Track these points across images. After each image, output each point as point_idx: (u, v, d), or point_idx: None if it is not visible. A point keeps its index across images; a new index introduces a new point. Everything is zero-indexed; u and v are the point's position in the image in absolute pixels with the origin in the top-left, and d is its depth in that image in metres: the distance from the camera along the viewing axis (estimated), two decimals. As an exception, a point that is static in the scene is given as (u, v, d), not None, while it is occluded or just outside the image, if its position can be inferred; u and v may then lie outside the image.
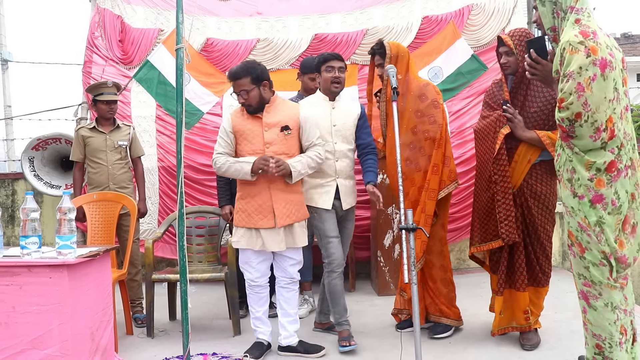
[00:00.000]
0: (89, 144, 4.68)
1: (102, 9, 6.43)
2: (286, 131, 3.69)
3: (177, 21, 3.37)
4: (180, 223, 3.31)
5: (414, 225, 2.84)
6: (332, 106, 3.95)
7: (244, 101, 3.69)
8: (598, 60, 2.58)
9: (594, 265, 2.77)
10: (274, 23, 6.60)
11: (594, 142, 2.67)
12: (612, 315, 2.78)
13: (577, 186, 2.78)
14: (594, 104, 2.61)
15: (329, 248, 3.88)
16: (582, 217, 2.77)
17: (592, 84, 2.58)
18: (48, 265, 2.88)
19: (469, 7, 6.38)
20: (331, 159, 3.87)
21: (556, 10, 2.80)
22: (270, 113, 3.73)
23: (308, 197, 3.87)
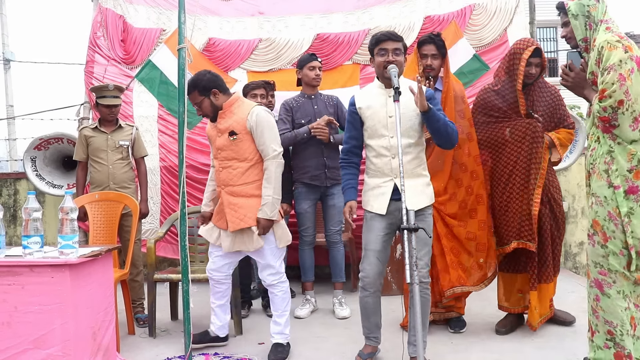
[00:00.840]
0: (91, 144, 4.69)
1: (104, 8, 6.43)
2: (232, 136, 3.70)
3: (179, 21, 3.38)
4: (182, 223, 3.31)
5: (416, 225, 2.84)
6: (388, 94, 3.34)
7: (201, 113, 3.79)
8: (634, 57, 2.81)
9: (613, 254, 2.92)
10: (276, 23, 6.60)
11: (633, 132, 2.85)
12: (624, 303, 2.92)
13: (614, 177, 2.91)
14: (634, 94, 2.80)
15: (363, 262, 3.43)
16: (614, 206, 2.91)
17: (632, 75, 2.79)
18: (50, 265, 2.88)
19: (471, 6, 6.37)
20: (387, 155, 3.32)
21: (588, 23, 3.06)
22: (223, 119, 3.77)
23: (366, 199, 3.46)
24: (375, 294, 3.43)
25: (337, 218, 4.84)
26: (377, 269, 3.38)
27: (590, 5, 3.06)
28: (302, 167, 4.80)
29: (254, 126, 3.67)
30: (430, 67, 4.01)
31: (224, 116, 3.76)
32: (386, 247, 3.42)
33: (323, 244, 5.13)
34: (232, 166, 3.72)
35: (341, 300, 4.79)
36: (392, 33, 3.35)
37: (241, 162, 3.71)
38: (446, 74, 4.07)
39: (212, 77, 3.78)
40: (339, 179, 4.80)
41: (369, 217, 3.40)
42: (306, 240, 4.86)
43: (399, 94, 3.05)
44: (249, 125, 3.68)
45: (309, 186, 4.78)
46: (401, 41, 3.34)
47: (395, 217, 3.31)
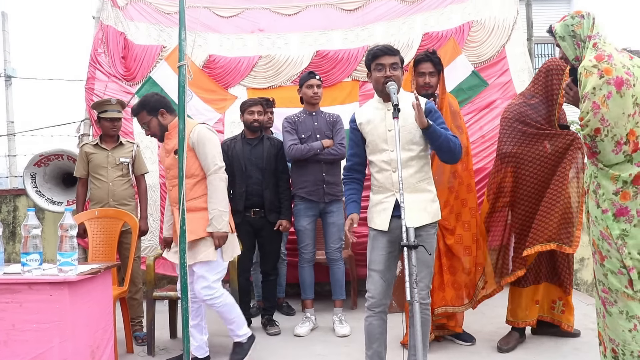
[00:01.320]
0: (92, 160, 4.69)
1: (105, 25, 6.46)
2: (176, 155, 3.71)
3: (180, 38, 3.38)
4: (181, 240, 3.29)
5: (415, 242, 2.81)
6: (387, 108, 3.28)
7: (149, 133, 3.92)
8: (612, 80, 2.75)
9: (612, 273, 2.88)
10: (275, 40, 6.63)
11: (617, 156, 2.81)
12: (628, 324, 2.84)
13: (601, 200, 2.90)
14: (612, 119, 2.77)
15: (368, 282, 3.33)
16: (604, 226, 2.89)
17: (608, 101, 2.75)
18: (49, 282, 2.86)
19: (469, 23, 6.41)
20: (388, 169, 3.26)
21: (576, 42, 3.03)
22: (169, 139, 3.90)
23: (370, 216, 3.39)
24: (381, 315, 3.32)
25: (337, 235, 4.83)
26: (382, 289, 3.28)
27: (575, 24, 3.04)
28: (300, 181, 4.81)
29: (196, 143, 3.77)
30: (429, 84, 4.02)
31: (169, 136, 3.89)
32: (390, 266, 3.33)
33: (323, 261, 5.11)
34: (178, 184, 3.70)
35: (341, 318, 4.76)
36: (388, 47, 3.31)
37: (188, 179, 3.77)
38: (442, 90, 4.10)
39: (159, 97, 3.94)
40: (338, 195, 4.81)
41: (373, 235, 3.34)
42: (306, 257, 4.84)
43: (398, 111, 2.99)
44: (191, 143, 3.77)
45: (307, 202, 4.78)
46: (398, 55, 3.30)
47: (397, 236, 3.18)
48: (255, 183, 4.73)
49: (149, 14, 6.65)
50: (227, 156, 4.73)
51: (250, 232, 4.74)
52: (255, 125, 4.77)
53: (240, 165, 4.73)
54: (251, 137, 4.84)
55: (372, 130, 3.31)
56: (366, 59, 3.37)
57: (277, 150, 4.84)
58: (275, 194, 4.79)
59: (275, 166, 4.80)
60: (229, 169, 4.72)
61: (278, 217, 4.78)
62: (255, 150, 4.79)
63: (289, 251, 5.48)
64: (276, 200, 4.79)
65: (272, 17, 6.76)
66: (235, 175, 4.74)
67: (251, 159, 4.76)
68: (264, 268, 4.89)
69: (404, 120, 3.18)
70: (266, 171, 4.75)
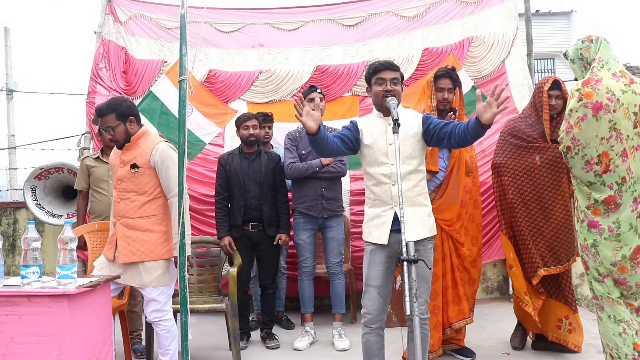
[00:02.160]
0: (93, 174, 4.69)
1: (107, 40, 6.51)
2: (133, 169, 3.67)
3: (181, 53, 3.40)
4: (181, 253, 3.29)
5: (415, 256, 2.81)
6: (387, 122, 3.30)
7: (110, 137, 3.69)
8: (590, 103, 3.03)
9: (595, 280, 3.20)
10: (276, 55, 6.67)
11: (587, 174, 3.13)
12: (617, 327, 3.06)
13: (579, 211, 3.25)
14: (584, 140, 3.09)
15: (364, 297, 3.30)
16: (582, 238, 3.22)
17: (581, 123, 3.06)
18: (48, 295, 2.85)
19: (469, 39, 6.46)
20: (387, 183, 3.24)
21: (583, 65, 3.30)
22: (128, 150, 3.72)
23: (366, 230, 3.36)
24: (378, 332, 3.29)
25: (337, 250, 4.83)
26: (379, 305, 3.26)
27: (583, 47, 3.30)
28: (300, 196, 4.82)
29: (159, 162, 3.65)
30: (447, 100, 4.10)
31: (130, 148, 3.72)
32: (387, 282, 3.31)
33: (322, 274, 5.10)
34: (130, 198, 3.69)
35: (341, 332, 4.75)
36: (389, 62, 3.34)
37: (140, 195, 3.69)
38: (460, 106, 4.23)
39: (131, 104, 3.78)
40: (337, 210, 4.82)
41: (369, 249, 3.30)
42: (305, 271, 4.83)
43: (398, 125, 3.00)
44: (152, 161, 3.66)
45: (306, 216, 4.79)
46: (399, 71, 3.34)
47: (395, 250, 3.22)
48: (253, 197, 4.73)
49: (150, 29, 6.70)
50: (224, 170, 4.75)
51: (249, 246, 4.74)
52: (251, 139, 4.78)
53: (238, 180, 4.74)
54: (249, 151, 4.85)
55: (373, 143, 3.30)
56: (367, 73, 3.39)
57: (275, 164, 4.84)
58: (273, 208, 4.80)
59: (273, 180, 4.81)
60: (227, 183, 4.74)
61: (277, 231, 4.78)
62: (253, 164, 4.80)
63: (289, 265, 5.47)
64: (274, 214, 4.80)
65: (272, 32, 6.81)
66: (233, 190, 4.75)
67: (249, 174, 4.76)
68: (263, 282, 4.89)
69: (404, 134, 3.19)
70: (264, 185, 4.76)
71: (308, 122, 3.06)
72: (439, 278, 4.03)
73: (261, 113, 5.29)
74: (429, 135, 3.25)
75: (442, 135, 3.20)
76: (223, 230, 4.68)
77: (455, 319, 4.09)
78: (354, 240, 5.60)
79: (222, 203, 4.79)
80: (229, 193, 4.78)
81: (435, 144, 3.31)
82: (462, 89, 4.23)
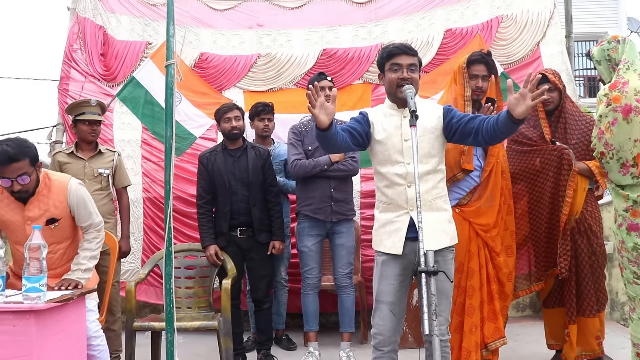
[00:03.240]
0: (66, 171, 4.67)
1: (82, 18, 6.49)
2: (52, 225, 3.65)
3: (168, 33, 3.40)
4: (167, 263, 3.29)
5: (435, 267, 2.79)
6: (402, 115, 3.25)
7: (20, 188, 3.45)
8: (620, 107, 3.38)
9: (629, 282, 3.57)
10: (276, 36, 6.66)
11: (624, 177, 3.48)
12: None
13: (617, 215, 3.59)
14: (617, 144, 3.43)
15: (375, 316, 3.23)
16: (620, 239, 3.57)
17: (612, 127, 3.42)
18: (12, 311, 2.84)
19: (498, 18, 6.42)
20: (402, 184, 3.19)
21: (611, 66, 3.63)
22: (33, 203, 3.59)
23: (377, 238, 3.30)
24: (390, 355, 3.23)
25: (347, 259, 4.81)
26: (392, 324, 3.19)
27: (610, 48, 3.64)
28: (306, 198, 4.80)
29: (75, 205, 3.68)
30: (481, 89, 4.08)
31: (33, 200, 3.59)
32: (402, 298, 3.26)
33: (329, 287, 5.09)
34: (52, 251, 3.68)
35: (349, 354, 4.74)
36: (406, 46, 3.30)
37: (60, 244, 3.75)
38: (499, 95, 4.21)
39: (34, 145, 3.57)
40: (347, 214, 4.80)
41: (381, 261, 3.25)
42: (310, 283, 4.82)
43: (416, 118, 2.94)
44: (70, 206, 3.68)
45: (312, 220, 4.77)
46: (416, 56, 3.29)
47: (411, 261, 3.17)
48: (240, 200, 4.72)
49: (133, 5, 6.70)
50: (206, 171, 4.75)
51: (238, 254, 4.74)
52: (234, 132, 4.76)
53: (222, 181, 4.72)
54: (233, 147, 4.82)
55: (386, 139, 3.26)
56: (379, 58, 3.35)
57: (264, 161, 4.83)
58: (264, 211, 4.79)
59: (262, 179, 4.80)
60: (210, 185, 4.74)
61: (269, 237, 4.78)
62: (238, 162, 4.78)
63: (291, 276, 5.45)
64: (265, 218, 4.79)
65: (272, 10, 6.80)
66: (217, 193, 4.75)
67: (235, 173, 4.74)
68: (255, 296, 4.87)
69: (422, 129, 3.15)
70: (252, 185, 4.75)
71: (321, 116, 3.01)
72: (476, 291, 4.00)
73: (260, 103, 5.28)
74: (451, 131, 3.21)
75: (468, 130, 3.16)
76: (208, 238, 4.68)
77: (492, 339, 4.01)
78: (364, 249, 5.58)
79: (205, 207, 4.79)
80: (213, 196, 4.77)
81: (458, 140, 3.29)
82: (498, 77, 4.20)
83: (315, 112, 3.00)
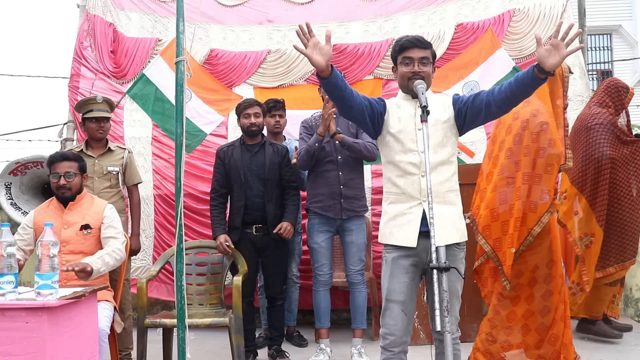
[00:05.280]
0: (76, 168, 4.71)
1: (92, 15, 6.51)
2: (85, 230, 3.91)
3: (177, 30, 3.41)
4: (178, 260, 3.31)
5: (447, 264, 2.78)
6: (417, 104, 3.12)
7: (65, 183, 3.91)
8: None
9: None
10: (286, 32, 6.65)
11: None
12: None
13: None
14: None
15: (384, 315, 3.15)
16: None
17: None
18: (25, 308, 2.86)
19: (510, 12, 6.39)
20: (415, 173, 3.12)
21: None
22: (73, 210, 3.97)
23: (387, 231, 3.21)
24: (400, 357, 3.15)
25: (358, 256, 4.81)
26: (403, 325, 3.12)
27: None
28: (315, 194, 4.81)
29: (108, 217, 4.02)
30: None
31: (73, 207, 3.98)
32: (413, 296, 3.18)
33: (340, 284, 5.10)
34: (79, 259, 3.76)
35: (361, 350, 4.74)
36: (419, 39, 3.24)
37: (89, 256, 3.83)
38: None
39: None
40: (358, 210, 4.80)
41: (391, 258, 3.16)
42: (321, 280, 4.82)
43: (427, 113, 2.91)
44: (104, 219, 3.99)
45: (323, 217, 4.78)
46: (429, 49, 3.24)
47: (421, 259, 3.11)
48: (256, 195, 4.74)
49: (142, 2, 6.70)
50: (223, 165, 4.77)
51: (252, 251, 4.75)
52: (253, 129, 4.78)
53: (238, 175, 4.75)
54: (251, 142, 4.85)
55: (400, 127, 3.20)
56: (392, 51, 3.32)
57: (282, 157, 4.85)
58: (279, 207, 4.81)
59: (279, 176, 4.82)
60: (226, 179, 4.77)
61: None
62: (255, 158, 4.81)
63: (302, 273, 5.46)
64: (280, 214, 4.80)
65: (282, 6, 6.79)
66: (232, 187, 4.77)
67: (251, 168, 4.77)
68: (270, 292, 4.90)
69: (435, 120, 3.12)
70: (268, 182, 4.77)
71: (315, 56, 2.93)
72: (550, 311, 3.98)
73: (271, 100, 5.29)
74: (462, 116, 3.17)
75: (477, 106, 3.12)
76: (219, 228, 4.72)
77: None
78: (375, 245, 5.58)
79: (218, 200, 4.82)
80: (227, 190, 4.80)
81: (470, 123, 3.20)
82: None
83: (308, 52, 2.95)
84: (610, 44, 20.68)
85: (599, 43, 20.85)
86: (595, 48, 20.42)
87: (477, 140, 6.03)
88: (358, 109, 3.15)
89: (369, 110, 3.18)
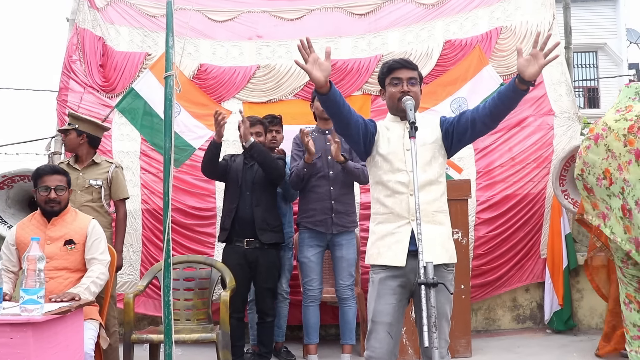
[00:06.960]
0: (64, 183, 4.68)
1: (81, 29, 6.51)
2: (69, 245, 3.83)
3: (167, 45, 3.41)
4: (166, 275, 3.28)
5: (435, 279, 2.75)
6: (405, 125, 3.15)
7: (55, 197, 3.85)
8: (592, 135, 3.88)
9: None
10: (276, 48, 6.66)
11: (600, 188, 3.82)
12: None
13: None
14: (590, 162, 3.87)
15: (370, 338, 3.09)
16: None
17: (587, 150, 3.89)
18: (9, 323, 2.83)
19: (498, 29, 6.44)
20: (404, 192, 3.11)
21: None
22: (56, 225, 3.88)
23: (374, 252, 3.17)
24: None
25: (348, 271, 4.81)
26: (389, 347, 3.05)
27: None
28: (306, 210, 4.82)
29: (91, 233, 3.92)
30: None
31: (57, 223, 3.89)
32: (399, 318, 3.12)
33: (329, 299, 5.08)
34: (62, 276, 3.78)
35: (349, 367, 4.73)
36: (406, 60, 3.28)
37: (73, 273, 3.82)
38: None
39: None
40: (348, 226, 4.81)
41: (378, 278, 3.12)
42: (311, 295, 4.81)
43: (415, 130, 2.90)
44: (88, 234, 3.90)
45: (313, 231, 4.78)
46: (416, 69, 3.27)
47: (409, 280, 3.06)
48: (245, 200, 4.80)
49: (132, 16, 6.70)
50: (227, 163, 4.93)
51: (244, 266, 4.74)
52: None
53: (236, 178, 4.86)
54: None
55: (389, 149, 3.21)
56: (380, 73, 3.33)
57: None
58: (266, 211, 4.82)
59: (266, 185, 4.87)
60: (224, 170, 4.93)
61: (272, 236, 4.79)
62: (251, 170, 4.88)
63: (291, 288, 5.43)
64: (269, 217, 4.82)
65: (272, 21, 6.80)
66: (229, 188, 4.89)
67: (245, 177, 4.85)
68: (261, 307, 4.87)
69: (423, 140, 3.12)
70: (256, 187, 4.82)
71: (315, 72, 2.93)
72: None
73: (268, 115, 5.30)
74: (450, 136, 3.19)
75: (463, 125, 3.14)
76: None
77: None
78: (364, 260, 5.56)
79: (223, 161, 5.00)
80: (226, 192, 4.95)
81: (457, 142, 3.22)
82: None
83: (308, 67, 2.94)
84: (596, 62, 20.87)
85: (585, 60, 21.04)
86: (582, 65, 20.60)
87: (466, 156, 6.07)
88: (355, 126, 3.15)
89: (364, 129, 3.18)
